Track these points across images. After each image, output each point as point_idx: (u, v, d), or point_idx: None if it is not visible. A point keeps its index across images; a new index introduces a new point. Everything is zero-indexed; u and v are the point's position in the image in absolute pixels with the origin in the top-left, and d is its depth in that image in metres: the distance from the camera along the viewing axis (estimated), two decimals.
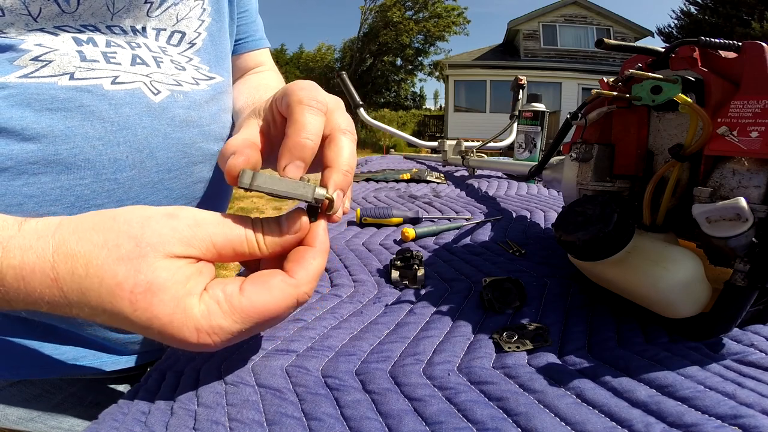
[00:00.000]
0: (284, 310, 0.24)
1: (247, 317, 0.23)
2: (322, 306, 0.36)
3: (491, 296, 0.34)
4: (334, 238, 0.52)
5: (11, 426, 0.39)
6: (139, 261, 0.22)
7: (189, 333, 0.22)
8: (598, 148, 0.36)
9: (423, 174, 0.91)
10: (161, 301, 0.22)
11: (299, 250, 0.26)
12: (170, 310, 0.22)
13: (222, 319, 0.23)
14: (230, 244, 0.25)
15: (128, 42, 0.37)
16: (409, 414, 0.24)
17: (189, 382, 0.28)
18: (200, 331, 0.23)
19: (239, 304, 0.23)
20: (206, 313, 0.23)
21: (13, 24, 0.31)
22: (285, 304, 0.24)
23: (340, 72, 1.21)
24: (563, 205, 0.40)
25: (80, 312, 0.22)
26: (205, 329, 0.23)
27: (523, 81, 1.04)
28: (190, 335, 0.22)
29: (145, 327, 0.22)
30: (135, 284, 0.22)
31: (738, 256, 0.26)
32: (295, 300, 0.25)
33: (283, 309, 0.24)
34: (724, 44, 0.28)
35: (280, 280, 0.25)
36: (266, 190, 0.25)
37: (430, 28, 13.49)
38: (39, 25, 0.33)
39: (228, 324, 0.23)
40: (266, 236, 0.26)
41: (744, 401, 0.22)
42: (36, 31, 0.32)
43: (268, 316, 0.24)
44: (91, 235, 0.23)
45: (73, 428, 0.43)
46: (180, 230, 0.23)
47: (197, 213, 0.25)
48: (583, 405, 0.23)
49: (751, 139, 0.25)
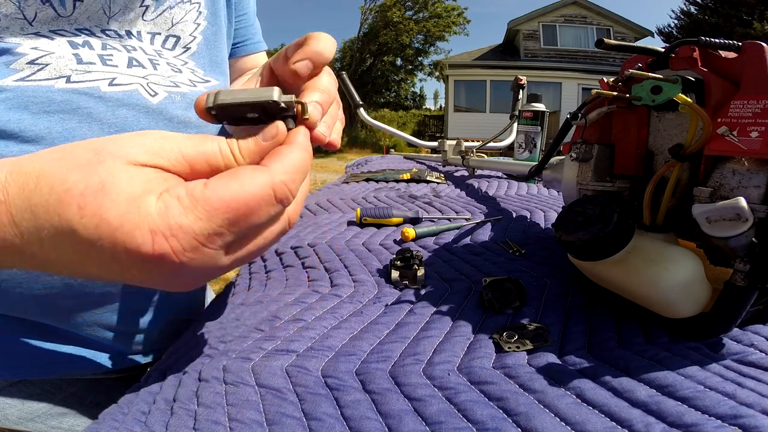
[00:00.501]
0: (258, 203, 0.21)
1: (212, 211, 0.20)
2: (322, 306, 0.36)
3: (491, 296, 0.34)
4: (334, 238, 0.52)
5: (11, 426, 0.39)
6: (96, 166, 0.20)
7: (142, 237, 0.19)
8: (598, 148, 0.36)
9: (423, 174, 0.91)
10: (112, 201, 0.19)
11: (275, 149, 0.24)
12: (122, 210, 0.19)
13: (182, 216, 0.19)
14: (203, 156, 0.22)
15: (124, 45, 0.37)
16: (409, 414, 0.24)
17: (189, 382, 0.28)
18: (155, 233, 0.19)
19: (202, 195, 0.20)
20: (163, 210, 0.19)
21: (8, 28, 0.31)
22: (258, 194, 0.21)
23: (340, 72, 1.21)
24: (563, 205, 0.40)
25: (29, 246, 0.20)
26: (162, 230, 0.19)
27: (523, 81, 1.04)
28: (143, 240, 0.19)
29: (92, 241, 0.19)
30: (86, 186, 0.19)
31: (738, 256, 0.26)
32: (270, 190, 0.21)
33: (256, 201, 0.21)
34: (724, 44, 0.28)
35: (250, 170, 0.22)
36: (230, 102, 0.22)
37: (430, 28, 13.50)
38: (34, 29, 0.33)
39: (189, 221, 0.19)
40: (241, 146, 0.23)
41: (744, 401, 0.22)
42: (31, 35, 0.32)
43: (239, 210, 0.20)
44: (48, 153, 0.20)
45: (73, 428, 0.43)
46: (147, 142, 0.21)
47: (167, 132, 0.22)
48: (583, 405, 0.23)
49: (751, 139, 0.25)
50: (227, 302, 0.41)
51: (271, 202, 0.22)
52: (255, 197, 0.21)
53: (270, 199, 0.21)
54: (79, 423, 0.43)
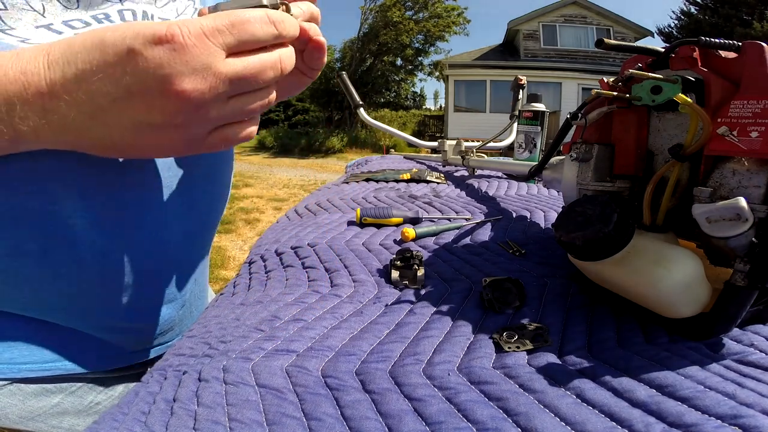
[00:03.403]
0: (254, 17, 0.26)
1: (217, 16, 0.25)
2: (322, 306, 0.36)
3: (491, 296, 0.34)
4: (334, 238, 0.52)
5: (11, 425, 0.39)
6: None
7: (160, 27, 0.24)
8: (598, 148, 0.36)
9: (423, 174, 0.91)
10: (140, 23, 0.25)
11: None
12: (149, 23, 0.24)
13: (194, 19, 0.25)
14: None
15: None
16: (409, 414, 0.24)
17: (189, 382, 0.28)
18: (171, 25, 0.24)
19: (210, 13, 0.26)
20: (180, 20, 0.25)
21: (21, 20, 0.31)
22: (255, 13, 0.26)
23: (340, 72, 1.21)
24: (563, 205, 0.40)
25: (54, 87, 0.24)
26: (176, 23, 0.24)
27: (523, 81, 1.04)
28: (160, 28, 0.24)
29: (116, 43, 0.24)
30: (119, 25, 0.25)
31: (738, 256, 0.26)
32: (264, 14, 0.26)
33: (253, 16, 0.26)
34: (724, 44, 0.28)
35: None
36: (228, 8, 0.27)
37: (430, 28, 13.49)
38: (47, 20, 0.33)
39: (198, 20, 0.24)
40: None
41: (744, 401, 0.22)
42: (42, 29, 0.32)
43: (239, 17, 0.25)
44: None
45: (73, 428, 0.43)
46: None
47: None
48: (583, 405, 0.23)
49: (751, 139, 0.25)
50: (227, 302, 0.41)
51: (265, 21, 0.26)
52: (253, 13, 0.26)
53: (265, 18, 0.26)
54: (79, 423, 0.43)
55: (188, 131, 0.27)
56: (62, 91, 0.24)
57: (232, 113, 0.27)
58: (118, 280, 0.39)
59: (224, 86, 0.26)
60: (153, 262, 0.42)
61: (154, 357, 0.49)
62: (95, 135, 0.26)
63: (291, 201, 4.46)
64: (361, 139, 11.61)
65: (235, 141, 0.30)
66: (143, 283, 0.42)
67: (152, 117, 0.25)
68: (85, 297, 0.39)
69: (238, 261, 2.74)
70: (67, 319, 0.40)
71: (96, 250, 0.37)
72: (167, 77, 0.24)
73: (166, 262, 0.43)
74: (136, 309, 0.43)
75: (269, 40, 0.27)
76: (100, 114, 0.25)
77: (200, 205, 0.46)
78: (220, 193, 0.50)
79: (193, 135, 0.27)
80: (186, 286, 0.49)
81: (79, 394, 0.44)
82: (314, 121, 14.42)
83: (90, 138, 0.27)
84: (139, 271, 0.40)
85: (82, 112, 0.25)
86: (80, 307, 0.39)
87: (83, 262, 0.37)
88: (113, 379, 0.47)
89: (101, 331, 0.42)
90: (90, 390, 0.45)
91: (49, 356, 0.40)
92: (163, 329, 0.47)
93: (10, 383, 0.39)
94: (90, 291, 0.38)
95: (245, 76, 0.26)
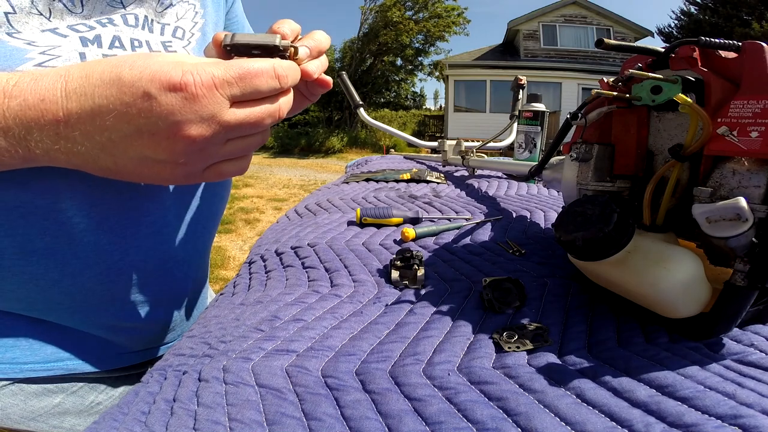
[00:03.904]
0: (262, 71, 0.28)
1: (229, 67, 0.27)
2: (322, 306, 0.36)
3: (491, 296, 0.34)
4: (334, 238, 0.52)
5: (12, 425, 0.40)
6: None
7: (175, 71, 0.25)
8: (598, 148, 0.36)
9: (423, 174, 0.91)
10: (157, 60, 0.26)
11: None
12: (164, 61, 0.26)
13: (207, 65, 0.26)
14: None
15: (132, 39, 0.37)
16: (409, 414, 0.24)
17: (189, 382, 0.28)
18: (185, 71, 0.25)
19: (224, 61, 0.28)
20: (195, 62, 0.26)
21: (28, 23, 0.32)
22: (263, 67, 0.28)
23: (340, 72, 1.21)
24: (563, 205, 0.40)
25: (71, 116, 0.25)
26: (190, 69, 0.26)
27: (523, 81, 1.04)
28: (175, 73, 0.25)
29: (133, 81, 0.25)
30: (137, 58, 0.26)
31: (738, 256, 0.26)
32: (272, 67, 0.28)
33: (261, 70, 0.28)
34: (724, 44, 0.28)
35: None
36: (244, 42, 0.29)
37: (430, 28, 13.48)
38: (53, 24, 0.33)
39: (211, 68, 0.26)
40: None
41: (744, 401, 0.22)
42: (48, 32, 0.32)
43: (248, 70, 0.27)
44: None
45: (74, 428, 0.43)
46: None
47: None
48: (583, 405, 0.23)
49: (751, 139, 0.25)
50: (227, 302, 0.41)
51: (272, 75, 0.28)
52: (260, 67, 0.28)
53: (271, 72, 0.28)
54: (80, 422, 0.43)
55: (187, 167, 0.29)
56: (77, 122, 0.26)
57: (230, 153, 0.30)
58: (120, 279, 0.39)
59: (226, 133, 0.28)
60: (154, 262, 0.42)
61: (154, 357, 0.49)
62: (102, 164, 0.28)
63: (291, 201, 4.46)
64: (361, 139, 11.61)
65: (229, 175, 0.32)
66: (144, 283, 0.42)
67: (157, 154, 0.27)
68: (88, 296, 0.39)
69: (238, 261, 2.74)
70: (69, 319, 0.40)
71: (99, 249, 0.37)
72: (177, 123, 0.26)
73: (166, 261, 0.43)
74: (138, 308, 0.43)
75: (271, 93, 0.29)
76: (110, 146, 0.27)
77: (200, 205, 0.46)
78: (220, 193, 0.50)
79: (191, 170, 0.30)
80: (186, 286, 0.49)
81: (81, 394, 0.44)
82: (314, 121, 14.41)
83: (96, 164, 0.28)
84: (140, 270, 0.41)
85: (93, 143, 0.26)
86: (83, 306, 0.39)
87: (87, 260, 0.37)
88: (114, 379, 0.47)
89: (103, 331, 0.42)
90: (91, 390, 0.45)
91: (50, 356, 0.40)
92: (164, 329, 0.47)
93: (12, 383, 0.39)
94: (93, 290, 0.39)
95: (246, 125, 0.28)
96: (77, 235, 0.35)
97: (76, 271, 0.37)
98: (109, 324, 0.42)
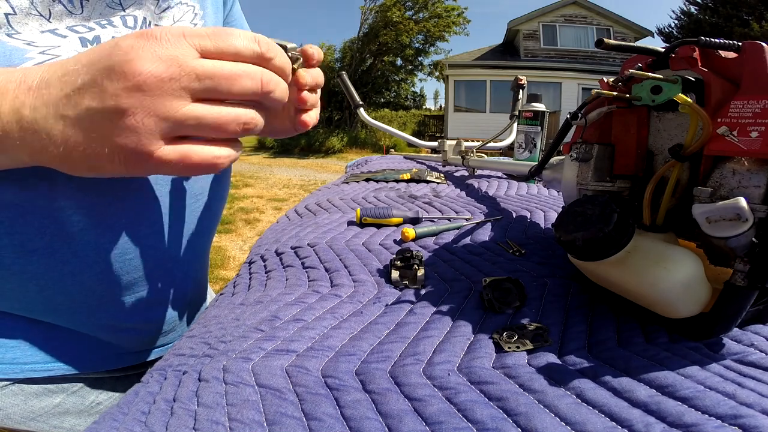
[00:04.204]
0: (235, 31, 0.26)
1: (200, 28, 0.25)
2: (322, 306, 0.36)
3: (491, 296, 0.34)
4: (334, 238, 0.52)
5: (13, 425, 0.40)
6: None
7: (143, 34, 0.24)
8: (598, 148, 0.36)
9: (423, 174, 0.91)
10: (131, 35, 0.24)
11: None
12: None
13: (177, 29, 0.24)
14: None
15: None
16: (409, 414, 0.24)
17: (189, 382, 0.28)
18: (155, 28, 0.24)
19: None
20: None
21: (28, 24, 0.32)
22: (238, 31, 0.26)
23: (340, 72, 1.21)
24: (563, 205, 0.40)
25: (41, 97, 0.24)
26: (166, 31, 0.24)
27: (523, 81, 1.04)
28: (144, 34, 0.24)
29: (108, 50, 0.23)
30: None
31: (738, 256, 0.26)
32: (251, 35, 0.26)
33: (235, 30, 0.26)
34: (724, 44, 0.28)
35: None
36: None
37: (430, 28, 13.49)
38: (52, 25, 0.33)
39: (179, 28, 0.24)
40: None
41: (744, 401, 0.22)
42: (48, 33, 0.32)
43: (218, 29, 0.25)
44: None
45: (74, 428, 0.43)
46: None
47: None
48: (583, 405, 0.23)
49: (751, 139, 0.25)
50: (227, 302, 0.41)
51: (250, 37, 0.26)
52: (238, 29, 0.26)
53: (250, 35, 0.26)
54: (80, 423, 0.43)
55: (139, 128, 0.24)
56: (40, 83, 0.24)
57: (195, 119, 0.25)
58: (119, 278, 0.39)
59: (188, 80, 0.24)
60: (154, 262, 0.42)
61: (154, 357, 0.49)
62: (54, 133, 0.24)
63: (291, 201, 4.46)
64: (361, 139, 11.60)
65: (196, 162, 0.26)
66: (144, 282, 0.42)
67: (105, 100, 0.23)
68: (87, 295, 0.39)
69: (238, 261, 2.74)
70: (69, 319, 0.40)
71: (98, 248, 0.37)
72: (130, 61, 0.23)
73: (166, 261, 0.43)
74: (137, 308, 0.43)
75: (250, 56, 0.26)
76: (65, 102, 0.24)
77: (200, 205, 0.46)
78: (219, 191, 0.50)
79: (144, 132, 0.24)
80: (185, 285, 0.49)
81: (81, 394, 0.44)
82: None
83: (49, 139, 0.24)
84: (139, 270, 0.41)
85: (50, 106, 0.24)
86: (83, 306, 0.39)
87: (86, 260, 0.37)
88: (114, 379, 0.47)
89: (103, 331, 0.42)
90: (91, 390, 0.45)
91: (51, 356, 0.40)
92: (163, 329, 0.47)
93: (13, 383, 0.39)
94: (92, 289, 0.39)
95: (215, 76, 0.24)
96: (77, 234, 0.35)
97: (75, 271, 0.37)
98: (109, 324, 0.42)
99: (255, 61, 0.26)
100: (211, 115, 0.25)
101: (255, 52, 0.26)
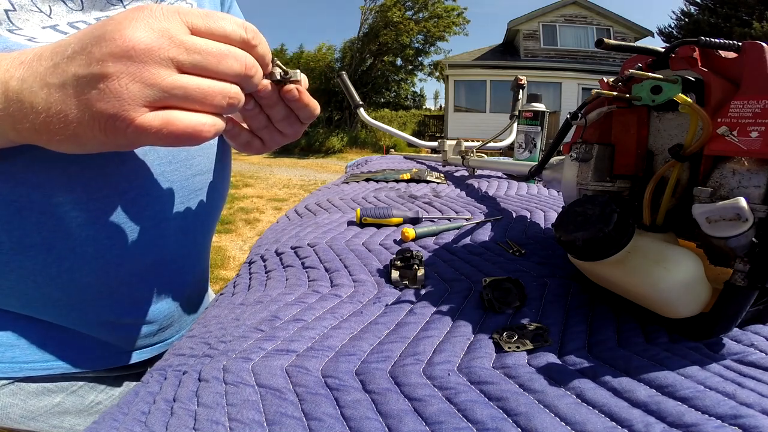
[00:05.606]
0: (223, 15, 0.27)
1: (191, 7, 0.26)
2: (322, 306, 0.36)
3: (491, 296, 0.34)
4: (334, 238, 0.52)
5: (13, 425, 0.40)
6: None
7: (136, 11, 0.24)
8: (598, 148, 0.36)
9: (423, 174, 0.91)
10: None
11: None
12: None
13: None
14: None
15: None
16: (409, 414, 0.24)
17: (189, 382, 0.28)
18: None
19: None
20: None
21: (29, 20, 0.32)
22: (227, 15, 0.27)
23: (340, 72, 1.21)
24: (563, 205, 0.40)
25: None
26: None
27: (523, 81, 1.04)
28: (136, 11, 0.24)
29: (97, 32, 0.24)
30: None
31: (738, 256, 0.26)
32: (242, 22, 0.27)
33: (223, 14, 0.27)
34: (724, 44, 0.28)
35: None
36: None
37: (430, 28, 13.49)
38: (53, 21, 0.33)
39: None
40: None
41: (744, 401, 0.22)
42: (49, 29, 0.33)
43: (207, 11, 0.26)
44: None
45: (74, 428, 0.43)
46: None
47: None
48: (583, 405, 0.23)
49: (751, 139, 0.25)
50: (227, 302, 0.41)
51: (238, 23, 0.27)
52: (229, 16, 0.27)
53: (239, 21, 0.27)
54: (80, 422, 0.43)
55: (122, 91, 0.23)
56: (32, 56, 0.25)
57: (182, 88, 0.25)
58: (118, 274, 0.39)
59: (177, 51, 0.24)
60: (152, 257, 0.42)
61: (154, 356, 0.49)
62: (37, 99, 0.24)
63: (291, 201, 4.46)
64: (361, 139, 11.61)
65: (180, 130, 0.26)
66: (143, 278, 0.42)
67: (91, 65, 0.23)
68: (85, 291, 0.39)
69: (238, 261, 2.74)
70: (67, 315, 0.40)
71: (96, 243, 0.37)
72: (120, 29, 0.23)
73: (164, 257, 0.43)
74: (136, 304, 0.43)
75: (237, 40, 0.27)
76: (52, 71, 0.24)
77: (199, 200, 0.46)
78: (218, 189, 0.50)
79: (125, 101, 0.24)
80: (184, 282, 0.49)
81: (80, 393, 0.44)
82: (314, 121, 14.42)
83: (31, 107, 0.24)
84: (138, 265, 0.41)
85: (36, 71, 0.24)
86: (81, 303, 0.39)
87: (85, 255, 0.37)
88: (114, 378, 0.47)
89: (101, 328, 0.42)
90: (91, 389, 0.45)
91: (50, 355, 0.40)
92: (161, 325, 0.47)
93: (12, 382, 0.39)
94: (90, 285, 0.39)
95: (203, 51, 0.25)
96: (74, 229, 0.35)
97: (74, 266, 0.37)
98: (108, 320, 0.42)
99: (241, 45, 0.28)
100: (198, 85, 0.26)
101: (242, 37, 0.27)
